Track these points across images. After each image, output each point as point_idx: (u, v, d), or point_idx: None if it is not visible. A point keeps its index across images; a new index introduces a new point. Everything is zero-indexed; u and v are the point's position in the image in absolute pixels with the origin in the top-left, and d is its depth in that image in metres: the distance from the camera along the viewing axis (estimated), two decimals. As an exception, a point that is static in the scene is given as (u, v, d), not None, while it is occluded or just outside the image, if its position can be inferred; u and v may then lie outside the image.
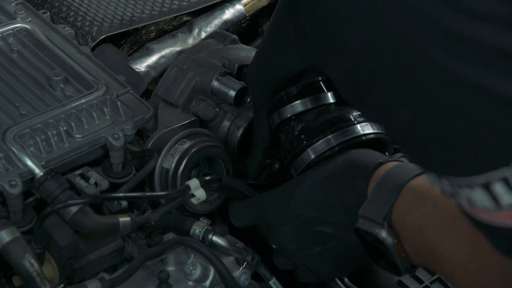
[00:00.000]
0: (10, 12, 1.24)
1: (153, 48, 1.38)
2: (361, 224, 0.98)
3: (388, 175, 0.99)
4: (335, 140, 1.08)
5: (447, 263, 0.91)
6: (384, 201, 0.96)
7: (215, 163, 1.23)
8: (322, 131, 1.08)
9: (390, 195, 0.96)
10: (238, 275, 1.16)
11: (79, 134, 1.06)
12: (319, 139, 1.08)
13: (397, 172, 0.99)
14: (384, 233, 0.95)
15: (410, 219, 0.94)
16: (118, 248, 1.08)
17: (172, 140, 1.20)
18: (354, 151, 1.07)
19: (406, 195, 0.96)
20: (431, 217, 0.93)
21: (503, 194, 0.68)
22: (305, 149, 1.09)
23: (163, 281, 1.08)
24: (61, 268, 1.02)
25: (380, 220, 0.95)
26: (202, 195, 1.08)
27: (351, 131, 1.08)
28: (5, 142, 1.02)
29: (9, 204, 0.99)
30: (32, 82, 1.13)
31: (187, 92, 1.29)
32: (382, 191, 0.98)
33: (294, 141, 1.10)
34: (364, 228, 0.97)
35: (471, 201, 0.71)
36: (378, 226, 0.96)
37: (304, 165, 1.10)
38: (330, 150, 1.08)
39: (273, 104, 1.13)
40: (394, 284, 1.19)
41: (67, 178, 1.03)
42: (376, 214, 0.96)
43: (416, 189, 0.96)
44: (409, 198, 0.95)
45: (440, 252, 0.91)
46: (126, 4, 1.43)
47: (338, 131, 1.08)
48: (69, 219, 0.99)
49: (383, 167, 1.01)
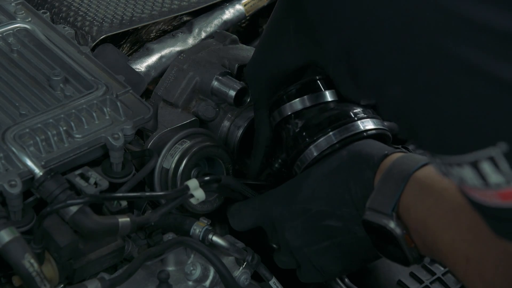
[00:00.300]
0: (10, 12, 1.24)
1: (153, 48, 1.38)
2: (368, 216, 0.98)
3: (394, 166, 0.99)
4: (337, 137, 1.08)
5: (450, 254, 0.91)
6: (391, 192, 0.97)
7: (215, 163, 1.23)
8: (323, 128, 1.09)
9: (397, 186, 0.97)
10: (238, 275, 1.16)
11: (79, 134, 1.06)
12: (321, 136, 1.09)
13: (403, 163, 0.99)
14: (393, 224, 0.95)
15: (415, 211, 0.95)
16: (118, 248, 1.08)
17: (172, 140, 1.20)
18: (359, 142, 1.07)
19: (412, 186, 0.96)
20: (435, 209, 0.93)
21: (491, 173, 0.68)
22: (307, 146, 1.10)
23: (163, 281, 1.08)
24: (61, 268, 1.02)
25: (389, 211, 0.96)
26: (201, 196, 1.09)
27: (353, 128, 1.09)
28: (5, 142, 1.02)
29: (9, 204, 0.99)
30: (32, 82, 1.13)
31: (187, 92, 1.29)
32: (388, 182, 0.98)
33: (296, 139, 1.11)
34: (372, 219, 0.97)
35: (462, 180, 0.71)
36: (387, 217, 0.96)
37: (307, 162, 1.10)
38: (331, 147, 1.08)
39: (274, 102, 1.14)
40: (394, 284, 1.19)
41: (67, 178, 1.03)
42: (384, 205, 0.97)
43: (421, 181, 0.96)
44: (415, 189, 0.96)
45: (443, 244, 0.92)
46: (126, 4, 1.43)
47: (339, 128, 1.08)
48: (69, 219, 0.99)
49: (389, 158, 1.02)
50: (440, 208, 0.93)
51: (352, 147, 1.07)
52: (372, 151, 1.04)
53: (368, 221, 0.98)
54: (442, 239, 0.92)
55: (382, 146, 1.06)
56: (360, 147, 1.06)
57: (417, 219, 0.95)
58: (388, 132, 1.12)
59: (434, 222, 0.93)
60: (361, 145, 1.07)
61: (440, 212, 0.93)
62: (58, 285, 1.04)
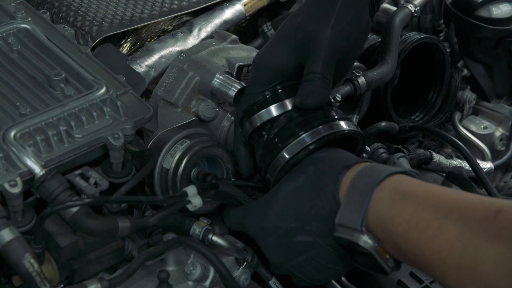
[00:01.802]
0: (10, 12, 1.24)
1: (153, 48, 1.38)
2: (339, 233, 0.97)
3: (357, 179, 0.98)
4: (309, 139, 1.09)
5: (438, 264, 0.89)
6: (358, 206, 0.96)
7: (215, 163, 1.23)
8: (294, 132, 1.11)
9: (362, 199, 0.96)
10: (238, 275, 1.16)
11: (79, 134, 1.06)
12: (292, 140, 1.10)
13: (366, 175, 0.98)
14: (363, 239, 0.95)
15: (391, 223, 0.93)
16: (118, 248, 1.08)
17: (172, 140, 1.20)
18: (324, 154, 1.08)
19: (384, 197, 0.95)
20: (416, 220, 0.91)
21: None
22: (280, 151, 1.11)
23: (163, 281, 1.08)
24: (61, 268, 1.02)
25: (358, 226, 0.95)
26: (199, 203, 1.09)
27: (323, 129, 1.10)
28: (5, 142, 1.02)
29: (9, 204, 0.99)
30: (32, 82, 1.13)
31: (187, 92, 1.29)
32: (354, 196, 0.97)
33: (268, 146, 1.12)
34: (343, 236, 0.97)
35: None
36: (357, 233, 0.95)
37: (280, 167, 1.11)
38: (304, 150, 1.09)
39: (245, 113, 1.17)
40: (394, 284, 1.19)
41: (67, 178, 1.03)
42: (352, 221, 0.96)
43: (393, 191, 0.95)
44: (387, 200, 0.94)
45: (429, 254, 0.89)
46: (126, 4, 1.43)
47: (310, 131, 1.10)
48: (69, 219, 0.99)
49: (351, 169, 1.01)
50: (422, 218, 0.91)
51: (317, 160, 1.07)
52: (336, 164, 1.04)
53: (339, 238, 0.98)
54: (429, 249, 0.89)
55: (347, 156, 1.06)
56: (324, 161, 1.06)
57: (396, 233, 0.93)
58: (359, 132, 1.13)
59: (417, 234, 0.90)
60: (325, 158, 1.07)
61: (423, 222, 0.90)
62: (58, 285, 1.04)
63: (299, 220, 1.05)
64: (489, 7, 1.54)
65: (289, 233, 1.06)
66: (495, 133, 1.62)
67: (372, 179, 0.96)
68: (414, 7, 1.47)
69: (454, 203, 0.90)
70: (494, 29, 1.53)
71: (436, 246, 0.89)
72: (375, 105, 1.46)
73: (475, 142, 1.60)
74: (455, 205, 0.90)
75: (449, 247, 0.87)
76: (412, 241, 0.91)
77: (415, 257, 0.92)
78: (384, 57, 1.40)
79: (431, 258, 0.90)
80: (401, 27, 1.45)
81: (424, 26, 1.62)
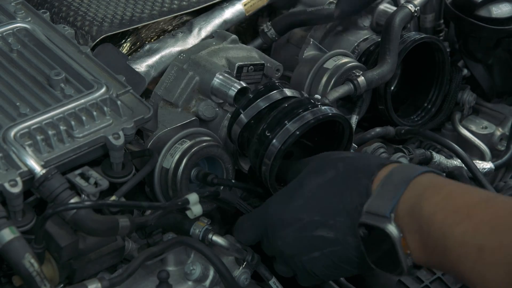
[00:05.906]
0: (10, 12, 1.24)
1: (153, 48, 1.38)
2: (366, 219, 0.98)
3: (393, 173, 1.00)
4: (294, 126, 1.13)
5: (458, 247, 0.91)
6: (391, 195, 0.97)
7: (215, 163, 1.23)
8: (280, 122, 1.14)
9: (397, 189, 0.97)
10: (238, 274, 1.16)
11: (79, 133, 1.06)
12: (280, 129, 1.13)
13: (403, 171, 1.00)
14: (391, 226, 0.95)
15: (419, 208, 0.95)
16: (118, 248, 1.08)
17: (172, 140, 1.20)
18: (353, 155, 1.09)
19: (415, 188, 0.97)
20: (444, 204, 0.94)
21: None
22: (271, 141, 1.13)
23: (163, 281, 1.08)
24: (61, 268, 1.02)
25: (387, 213, 0.96)
26: (199, 211, 1.11)
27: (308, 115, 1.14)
28: (5, 142, 1.02)
29: (9, 204, 0.99)
30: (32, 82, 1.13)
31: (187, 91, 1.29)
32: (388, 187, 0.99)
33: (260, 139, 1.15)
34: (370, 222, 0.97)
35: None
36: (384, 220, 0.96)
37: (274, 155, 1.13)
38: (291, 137, 1.12)
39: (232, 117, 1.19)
40: (394, 284, 1.19)
41: (67, 177, 1.03)
42: (382, 208, 0.97)
43: (426, 182, 0.97)
44: (418, 190, 0.96)
45: (451, 237, 0.91)
46: (126, 4, 1.43)
47: (294, 118, 1.13)
48: (69, 219, 0.99)
49: (385, 168, 1.02)
50: (450, 204, 0.93)
51: (348, 159, 1.08)
52: (369, 162, 1.05)
53: (365, 224, 0.98)
54: (452, 233, 0.91)
55: (377, 157, 1.09)
56: (356, 159, 1.08)
57: (422, 216, 0.94)
58: (343, 116, 1.17)
59: (443, 217, 0.93)
60: (356, 158, 1.09)
61: (450, 207, 0.93)
62: (58, 285, 1.04)
63: (324, 213, 1.05)
64: (489, 7, 1.54)
65: (310, 226, 1.06)
66: (495, 133, 1.62)
67: (409, 174, 0.99)
68: (414, 7, 1.47)
69: (484, 195, 0.95)
70: (494, 29, 1.53)
71: (460, 229, 0.91)
72: (375, 105, 1.46)
73: (475, 142, 1.60)
74: (485, 197, 0.94)
75: (474, 232, 0.90)
76: (436, 224, 0.93)
77: (436, 241, 0.93)
78: (384, 57, 1.40)
79: (451, 242, 0.91)
80: (401, 27, 1.45)
81: (424, 26, 1.62)
